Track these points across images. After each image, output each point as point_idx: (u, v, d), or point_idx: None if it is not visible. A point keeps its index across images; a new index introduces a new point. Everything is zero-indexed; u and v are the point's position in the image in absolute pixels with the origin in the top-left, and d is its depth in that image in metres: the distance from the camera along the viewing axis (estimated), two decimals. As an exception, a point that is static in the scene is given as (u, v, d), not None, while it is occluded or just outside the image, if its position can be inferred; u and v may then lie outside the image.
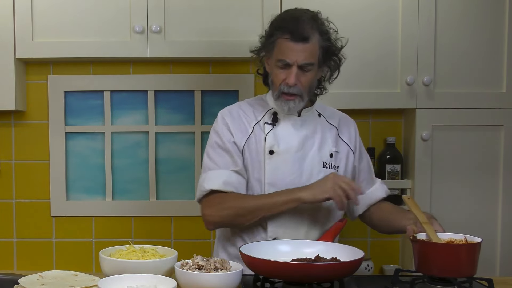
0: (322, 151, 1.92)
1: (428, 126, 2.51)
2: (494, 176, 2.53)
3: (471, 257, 1.54)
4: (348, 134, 2.00)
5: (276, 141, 1.89)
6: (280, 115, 1.92)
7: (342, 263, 1.54)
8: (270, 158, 1.88)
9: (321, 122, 1.97)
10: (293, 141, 1.89)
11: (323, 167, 1.90)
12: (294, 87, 1.82)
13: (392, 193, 2.64)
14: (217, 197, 1.86)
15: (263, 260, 1.52)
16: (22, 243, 2.74)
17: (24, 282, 1.46)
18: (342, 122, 2.02)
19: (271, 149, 1.88)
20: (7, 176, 2.73)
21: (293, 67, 1.81)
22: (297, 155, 1.89)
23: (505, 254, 2.53)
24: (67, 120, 2.73)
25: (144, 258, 1.57)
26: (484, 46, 2.50)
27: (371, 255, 2.71)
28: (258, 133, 1.91)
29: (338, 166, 1.94)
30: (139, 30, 2.45)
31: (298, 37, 1.79)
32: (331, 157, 1.93)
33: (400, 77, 2.50)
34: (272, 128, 1.91)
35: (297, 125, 1.92)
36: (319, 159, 1.90)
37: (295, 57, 1.80)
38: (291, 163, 1.88)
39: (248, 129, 1.92)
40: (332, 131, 1.97)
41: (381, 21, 2.49)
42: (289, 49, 1.80)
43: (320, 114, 1.99)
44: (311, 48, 1.81)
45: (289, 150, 1.88)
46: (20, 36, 2.47)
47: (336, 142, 1.96)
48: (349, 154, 1.98)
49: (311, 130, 1.93)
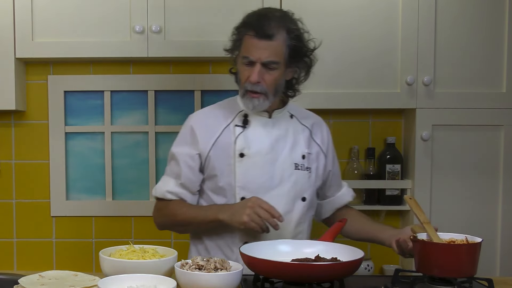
0: (294, 153, 1.90)
1: (428, 126, 2.51)
2: (494, 176, 2.53)
3: (471, 257, 1.54)
4: (320, 136, 1.99)
5: (246, 143, 1.86)
6: (251, 117, 1.89)
7: (342, 263, 1.54)
8: (241, 161, 1.86)
9: (294, 123, 1.95)
10: (264, 143, 1.87)
11: (295, 169, 1.89)
12: (258, 85, 1.80)
13: (392, 193, 2.65)
14: (160, 203, 1.94)
15: (263, 260, 1.52)
16: (22, 243, 2.74)
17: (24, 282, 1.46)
18: (316, 124, 2.01)
19: (241, 152, 1.86)
20: (7, 176, 2.73)
21: (257, 64, 1.79)
22: (268, 157, 1.87)
23: (505, 254, 2.53)
24: (67, 120, 2.73)
25: (144, 258, 1.57)
26: (484, 46, 2.50)
27: (371, 255, 2.71)
28: (228, 136, 1.88)
29: (310, 168, 1.93)
30: (139, 30, 2.45)
31: (262, 34, 1.77)
32: (303, 158, 1.91)
33: (400, 77, 2.50)
34: (242, 130, 1.88)
35: (268, 126, 1.90)
36: (291, 161, 1.89)
37: (259, 54, 1.78)
38: (262, 165, 1.86)
39: (216, 133, 1.89)
40: (305, 132, 1.95)
41: (381, 21, 2.49)
42: (253, 46, 1.78)
43: (292, 115, 1.96)
44: (275, 46, 1.78)
45: (260, 152, 1.86)
46: (20, 36, 2.47)
47: (308, 144, 1.95)
48: (320, 156, 1.97)
49: (282, 132, 1.91)
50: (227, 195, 1.88)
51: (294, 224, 1.90)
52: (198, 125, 1.91)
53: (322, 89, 2.50)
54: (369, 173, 2.67)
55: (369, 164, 2.68)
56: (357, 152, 2.69)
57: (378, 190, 2.67)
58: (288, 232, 1.88)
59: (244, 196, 1.85)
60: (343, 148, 2.73)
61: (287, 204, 1.88)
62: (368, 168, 2.68)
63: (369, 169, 2.68)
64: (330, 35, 2.48)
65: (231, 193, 1.87)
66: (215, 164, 1.88)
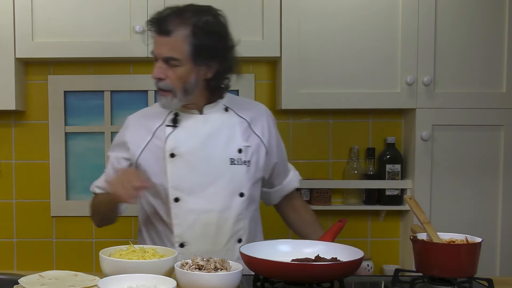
0: (229, 148, 1.85)
1: (428, 126, 2.51)
2: (494, 176, 2.53)
3: (471, 257, 1.54)
4: (261, 127, 1.92)
5: (176, 143, 1.83)
6: (181, 116, 1.85)
7: (342, 263, 1.54)
8: (172, 161, 1.82)
9: (229, 117, 1.89)
10: (195, 142, 1.83)
11: (230, 164, 1.84)
12: (161, 81, 1.77)
13: (392, 193, 2.65)
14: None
15: (263, 260, 1.52)
16: (22, 243, 2.74)
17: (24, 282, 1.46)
18: (256, 115, 1.94)
19: (171, 152, 1.82)
20: (7, 176, 2.73)
21: (158, 60, 1.77)
22: (201, 155, 1.83)
23: (505, 254, 2.53)
24: (67, 120, 2.73)
25: (144, 258, 1.57)
26: (484, 46, 2.50)
27: (371, 255, 2.71)
28: (160, 137, 1.85)
29: (249, 161, 1.87)
30: (139, 30, 2.45)
31: (160, 30, 1.76)
32: (240, 152, 1.85)
33: (400, 77, 2.50)
34: (172, 130, 1.84)
35: (199, 123, 1.85)
36: (226, 156, 1.84)
37: (158, 50, 1.77)
38: (194, 164, 1.82)
39: (148, 135, 1.87)
40: (242, 125, 1.89)
41: (381, 21, 2.49)
42: (155, 42, 1.78)
43: (228, 108, 1.90)
44: (174, 42, 1.74)
45: (191, 151, 1.82)
46: (20, 36, 2.47)
47: (247, 136, 1.89)
48: (260, 148, 1.91)
49: (215, 127, 1.85)
50: (162, 196, 1.85)
51: (233, 221, 1.85)
52: (132, 129, 1.91)
53: (322, 89, 2.50)
54: (369, 173, 2.67)
55: (369, 164, 2.68)
56: (357, 152, 2.69)
57: (378, 190, 2.67)
58: (227, 229, 1.84)
59: (178, 196, 1.82)
60: (343, 148, 2.74)
61: (224, 201, 1.84)
62: (368, 168, 2.68)
63: (369, 169, 2.68)
64: (330, 35, 2.49)
65: (165, 194, 1.84)
66: (146, 167, 1.86)
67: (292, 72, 2.49)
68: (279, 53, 2.49)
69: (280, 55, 2.49)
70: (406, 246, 2.68)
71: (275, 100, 2.70)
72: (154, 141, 1.86)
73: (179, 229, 1.84)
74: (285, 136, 2.35)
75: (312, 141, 2.73)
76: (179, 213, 1.83)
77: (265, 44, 2.49)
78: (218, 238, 1.84)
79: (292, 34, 2.48)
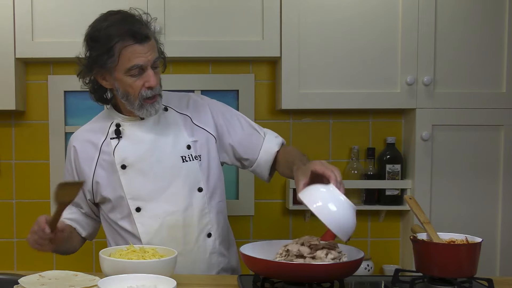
0: (177, 146, 1.84)
1: (428, 126, 2.51)
2: (494, 176, 2.53)
3: (471, 257, 1.54)
4: (204, 118, 1.91)
5: (124, 154, 1.81)
6: (123, 125, 1.83)
7: (342, 263, 1.54)
8: (125, 173, 1.81)
9: (170, 116, 1.88)
10: (142, 148, 1.81)
11: (183, 162, 1.83)
12: (156, 87, 1.76)
13: (392, 193, 2.65)
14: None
15: (263, 260, 1.52)
16: (22, 243, 2.74)
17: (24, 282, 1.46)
18: (194, 108, 1.92)
19: (122, 164, 1.81)
20: (7, 176, 2.73)
21: (148, 68, 1.72)
22: (152, 160, 1.81)
23: (505, 254, 2.53)
24: (67, 120, 2.73)
25: (144, 258, 1.57)
26: (484, 46, 2.50)
27: (371, 255, 2.71)
28: (108, 151, 1.83)
29: (200, 155, 1.86)
30: (139, 30, 2.45)
31: (141, 37, 1.70)
32: (188, 148, 1.85)
33: (400, 77, 2.50)
34: (118, 142, 1.82)
35: (143, 129, 1.83)
36: (176, 155, 1.83)
37: (147, 58, 1.71)
38: (147, 170, 1.81)
39: (95, 153, 1.85)
40: (186, 121, 1.89)
41: (381, 21, 2.49)
42: (137, 52, 1.70)
43: (167, 107, 1.89)
44: (153, 45, 1.75)
45: (142, 158, 1.81)
46: (20, 36, 2.47)
47: (192, 131, 1.88)
48: (210, 139, 1.89)
49: (160, 129, 1.84)
50: (123, 210, 1.84)
51: (197, 216, 1.84)
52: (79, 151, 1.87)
53: (322, 89, 2.50)
54: (369, 173, 2.67)
55: (369, 164, 2.68)
56: (357, 152, 2.69)
57: (378, 190, 2.67)
58: (193, 226, 1.84)
59: (138, 206, 1.81)
60: (343, 148, 2.74)
61: (185, 199, 1.83)
62: (368, 168, 2.68)
63: (369, 169, 2.68)
64: (330, 35, 2.49)
65: (125, 207, 1.83)
66: (101, 184, 1.84)
67: (292, 72, 2.49)
68: (279, 53, 2.49)
69: (280, 55, 2.49)
70: (406, 246, 2.68)
71: (275, 100, 2.70)
72: (102, 157, 1.84)
73: (146, 237, 1.82)
74: (285, 136, 2.34)
75: (312, 141, 2.73)
76: (143, 221, 1.82)
77: (265, 44, 2.49)
78: (186, 237, 1.83)
79: (292, 34, 2.48)
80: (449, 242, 1.60)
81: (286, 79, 2.49)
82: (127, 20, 1.73)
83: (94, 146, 1.86)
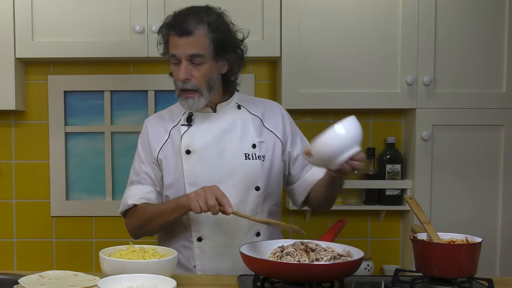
0: (243, 143, 1.89)
1: (428, 126, 2.51)
2: (494, 176, 2.54)
3: (471, 257, 1.54)
4: (274, 122, 1.97)
5: (191, 140, 1.88)
6: (196, 115, 1.91)
7: (342, 263, 1.54)
8: (188, 158, 1.87)
9: (242, 114, 1.94)
10: (208, 138, 1.88)
11: (245, 159, 1.88)
12: (188, 82, 1.81)
13: (392, 193, 2.65)
14: (132, 210, 1.94)
15: (263, 260, 1.52)
16: (22, 243, 2.74)
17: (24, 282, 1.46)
18: (268, 111, 1.99)
19: (187, 149, 1.87)
20: (7, 176, 2.73)
21: (183, 61, 1.80)
22: (215, 151, 1.87)
23: (505, 254, 2.54)
24: (67, 120, 2.73)
25: (144, 258, 1.57)
26: (484, 46, 2.51)
27: (371, 255, 2.71)
28: (175, 137, 1.91)
29: (264, 156, 1.91)
30: (139, 30, 2.45)
31: (181, 31, 1.79)
32: (254, 147, 1.90)
33: (400, 77, 2.50)
34: (187, 128, 1.90)
35: (213, 121, 1.90)
36: (240, 152, 1.88)
37: (181, 51, 1.79)
38: (209, 160, 1.86)
39: (165, 135, 1.93)
40: (255, 121, 1.94)
41: (381, 21, 2.49)
42: (176, 44, 1.80)
43: (240, 106, 1.96)
44: (196, 41, 1.79)
45: (206, 147, 1.87)
46: (20, 36, 2.47)
47: (260, 132, 1.93)
48: (276, 142, 1.94)
49: (229, 124, 1.90)
50: (179, 193, 1.87)
51: (249, 214, 1.85)
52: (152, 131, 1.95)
53: (322, 89, 2.50)
54: (369, 173, 2.67)
55: (369, 164, 2.68)
56: (357, 152, 2.69)
57: (378, 190, 2.67)
58: (244, 222, 1.85)
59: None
60: (343, 148, 2.73)
61: (239, 194, 1.86)
62: (368, 168, 2.68)
63: (369, 169, 2.68)
64: (330, 35, 2.49)
65: (181, 191, 1.87)
66: (164, 166, 1.90)
67: (292, 72, 2.49)
68: (279, 53, 2.49)
69: (280, 55, 2.49)
70: (406, 246, 2.68)
71: (275, 100, 2.69)
72: (169, 141, 1.92)
73: (196, 224, 1.85)
74: (285, 136, 2.34)
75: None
76: None
77: (265, 44, 2.49)
78: (235, 231, 1.86)
79: (292, 34, 2.48)
80: (449, 242, 1.60)
81: (286, 79, 2.49)
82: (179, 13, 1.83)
83: (164, 129, 1.94)
